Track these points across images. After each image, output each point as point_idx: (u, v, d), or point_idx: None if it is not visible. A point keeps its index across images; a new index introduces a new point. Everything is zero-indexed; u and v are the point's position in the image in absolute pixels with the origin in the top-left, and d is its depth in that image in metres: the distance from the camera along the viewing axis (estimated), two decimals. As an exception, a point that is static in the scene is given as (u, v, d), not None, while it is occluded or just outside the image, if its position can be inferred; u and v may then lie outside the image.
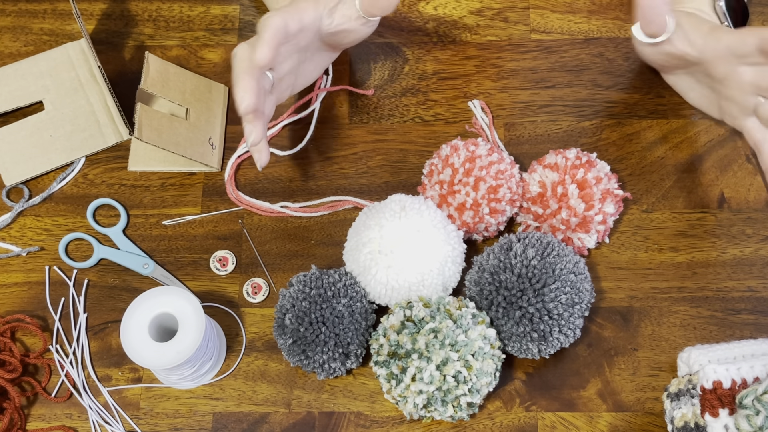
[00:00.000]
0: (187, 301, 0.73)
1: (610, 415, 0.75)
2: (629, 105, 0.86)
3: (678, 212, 0.81)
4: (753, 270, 0.79)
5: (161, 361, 0.71)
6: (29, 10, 0.93)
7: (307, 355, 0.73)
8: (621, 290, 0.79)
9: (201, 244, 0.82)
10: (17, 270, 0.82)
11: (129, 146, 0.86)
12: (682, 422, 0.69)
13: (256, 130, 0.71)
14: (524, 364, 0.77)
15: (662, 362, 0.76)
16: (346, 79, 0.88)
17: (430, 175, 0.79)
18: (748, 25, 0.84)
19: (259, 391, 0.77)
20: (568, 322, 0.71)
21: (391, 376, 0.70)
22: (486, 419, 0.75)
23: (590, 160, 0.78)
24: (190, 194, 0.84)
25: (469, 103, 0.86)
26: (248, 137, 0.71)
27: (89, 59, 0.88)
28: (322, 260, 0.81)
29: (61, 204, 0.84)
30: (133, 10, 0.92)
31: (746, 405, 0.64)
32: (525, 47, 0.89)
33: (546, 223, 0.77)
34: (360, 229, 0.76)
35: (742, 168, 0.83)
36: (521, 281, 0.71)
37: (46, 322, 0.80)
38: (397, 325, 0.71)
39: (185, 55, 0.90)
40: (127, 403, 0.77)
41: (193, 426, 0.76)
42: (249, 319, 0.79)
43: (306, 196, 0.83)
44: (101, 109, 0.87)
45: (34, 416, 0.77)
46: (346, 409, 0.76)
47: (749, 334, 0.77)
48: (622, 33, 0.88)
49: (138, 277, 0.81)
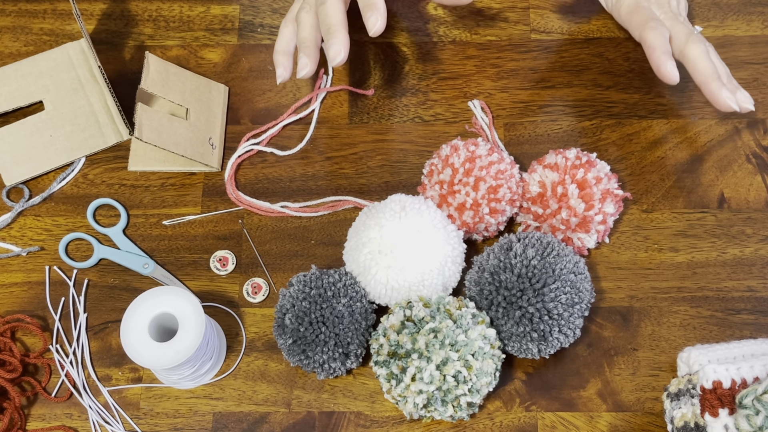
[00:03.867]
0: (187, 301, 0.73)
1: (610, 415, 0.75)
2: (629, 105, 0.86)
3: (678, 212, 0.81)
4: (753, 270, 0.79)
5: (161, 361, 0.71)
6: (29, 10, 0.93)
7: (307, 355, 0.73)
8: (621, 290, 0.79)
9: (201, 244, 0.82)
10: (17, 270, 0.82)
11: (129, 146, 0.86)
12: (682, 422, 0.69)
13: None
14: (524, 364, 0.77)
15: (662, 362, 0.76)
16: (346, 79, 0.88)
17: (430, 175, 0.79)
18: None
19: (259, 391, 0.77)
20: (568, 322, 0.71)
21: (391, 376, 0.70)
22: (486, 419, 0.75)
23: (590, 160, 0.78)
24: (190, 194, 0.84)
25: (469, 103, 0.86)
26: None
27: (89, 59, 0.88)
28: (322, 260, 0.81)
29: (61, 204, 0.84)
30: (133, 10, 0.92)
31: (746, 405, 0.64)
32: (525, 47, 0.89)
33: (546, 223, 0.77)
34: (360, 229, 0.76)
35: (742, 168, 0.83)
36: (521, 281, 0.71)
37: (46, 322, 0.80)
38: (397, 325, 0.71)
39: (185, 55, 0.90)
40: (127, 403, 0.77)
41: (193, 426, 0.76)
42: (249, 319, 0.79)
43: (306, 196, 0.83)
44: (101, 109, 0.87)
45: (34, 416, 0.77)
46: (346, 409, 0.76)
47: (749, 334, 0.77)
48: (622, 33, 0.89)
49: (138, 277, 0.81)
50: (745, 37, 0.88)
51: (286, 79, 0.80)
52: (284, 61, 0.80)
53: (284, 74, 0.80)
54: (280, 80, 0.80)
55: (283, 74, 0.80)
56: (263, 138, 0.86)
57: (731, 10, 0.89)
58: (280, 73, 0.80)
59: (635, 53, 0.88)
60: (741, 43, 0.88)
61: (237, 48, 0.90)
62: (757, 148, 0.83)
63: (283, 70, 0.80)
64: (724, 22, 0.89)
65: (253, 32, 0.91)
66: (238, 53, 0.90)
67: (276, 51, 0.81)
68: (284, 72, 0.80)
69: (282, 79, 0.80)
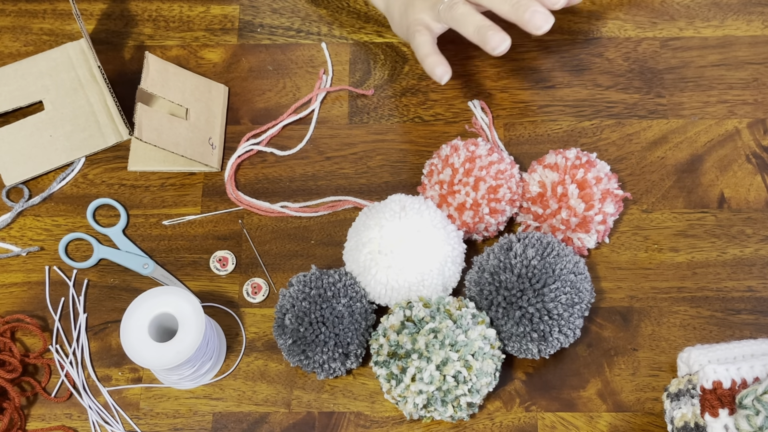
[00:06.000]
0: (187, 301, 0.73)
1: (610, 415, 0.75)
2: (629, 105, 0.86)
3: (678, 212, 0.81)
4: (753, 270, 0.79)
5: (161, 361, 0.71)
6: (29, 10, 0.93)
7: (307, 355, 0.73)
8: (621, 290, 0.79)
9: (201, 244, 0.82)
10: (17, 270, 0.82)
11: (129, 146, 0.86)
12: (682, 422, 0.69)
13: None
14: (524, 364, 0.77)
15: (662, 362, 0.76)
16: (346, 79, 0.88)
17: (430, 175, 0.79)
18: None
19: (259, 391, 0.77)
20: (568, 322, 0.71)
21: (391, 376, 0.70)
22: (486, 419, 0.75)
23: (590, 160, 0.78)
24: (190, 194, 0.84)
25: (469, 103, 0.86)
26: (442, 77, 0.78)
27: (89, 59, 0.88)
28: (322, 260, 0.81)
29: (61, 204, 0.84)
30: (133, 10, 0.92)
31: (746, 405, 0.64)
32: (525, 47, 0.89)
33: (546, 223, 0.77)
34: (360, 229, 0.76)
35: (742, 168, 0.83)
36: (521, 281, 0.71)
37: (46, 322, 0.80)
38: (397, 325, 0.71)
39: (185, 55, 0.90)
40: (127, 403, 0.77)
41: (193, 426, 0.76)
42: (249, 319, 0.79)
43: (306, 196, 0.83)
44: (101, 109, 0.87)
45: (34, 416, 0.77)
46: (346, 409, 0.76)
47: (749, 334, 0.77)
48: (622, 33, 0.88)
49: (138, 277, 0.81)
50: (745, 37, 0.88)
51: (449, 74, 0.77)
52: (439, 60, 0.78)
53: (445, 70, 0.77)
54: (445, 79, 0.77)
55: (443, 71, 0.77)
56: (263, 138, 0.86)
57: (731, 10, 0.89)
58: (440, 72, 0.77)
59: (635, 53, 0.88)
60: (741, 43, 0.88)
61: (237, 48, 0.90)
62: (757, 148, 0.83)
63: (443, 66, 0.77)
64: (724, 22, 0.89)
65: (253, 32, 0.91)
66: (237, 53, 0.90)
67: (425, 55, 0.78)
68: (444, 69, 0.77)
69: (446, 76, 0.77)
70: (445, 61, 0.78)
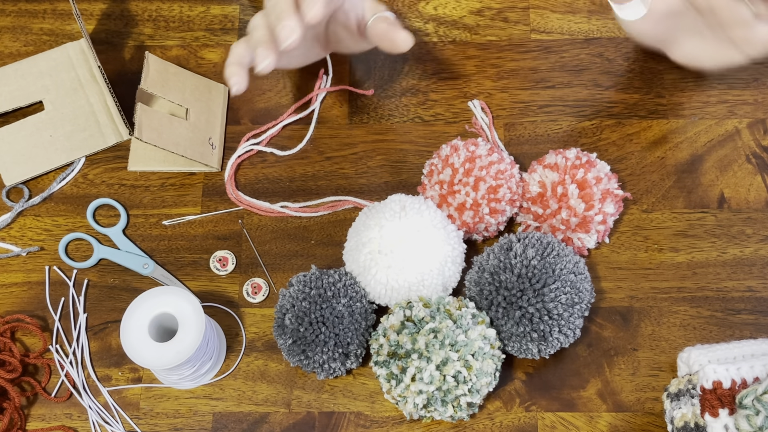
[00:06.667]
0: (187, 301, 0.73)
1: (610, 415, 0.75)
2: (629, 105, 0.86)
3: (678, 212, 0.81)
4: (753, 270, 0.79)
5: (161, 361, 0.71)
6: (29, 10, 0.93)
7: (307, 355, 0.73)
8: (621, 290, 0.79)
9: (201, 244, 0.82)
10: (17, 270, 0.82)
11: (129, 146, 0.86)
12: (682, 422, 0.69)
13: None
14: (524, 364, 0.77)
15: (662, 362, 0.76)
16: (346, 79, 0.88)
17: (430, 175, 0.79)
18: None
19: (259, 391, 0.77)
20: (568, 322, 0.71)
21: (391, 376, 0.70)
22: (486, 419, 0.75)
23: (590, 160, 0.78)
24: (190, 194, 0.84)
25: (469, 103, 0.86)
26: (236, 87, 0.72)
27: (89, 59, 0.88)
28: (322, 260, 0.81)
29: (61, 204, 0.84)
30: (133, 10, 0.92)
31: (746, 405, 0.64)
32: (525, 47, 0.89)
33: (546, 223, 0.77)
34: (360, 229, 0.76)
35: (742, 168, 0.83)
36: (521, 281, 0.71)
37: (46, 322, 0.80)
38: (397, 325, 0.71)
39: (185, 55, 0.90)
40: (127, 403, 0.77)
41: (193, 426, 0.76)
42: (249, 319, 0.79)
43: (306, 196, 0.83)
44: (101, 109, 0.87)
45: (34, 416, 0.77)
46: (346, 409, 0.76)
47: (749, 334, 0.77)
48: (622, 33, 0.88)
49: (138, 277, 0.81)
50: (745, 37, 0.88)
51: (242, 89, 0.72)
52: (238, 71, 0.72)
53: (240, 84, 0.72)
54: (235, 91, 0.72)
55: (238, 84, 0.71)
56: (263, 138, 0.86)
57: (731, 10, 0.89)
58: (234, 82, 0.71)
59: (635, 53, 0.88)
60: (741, 43, 0.88)
61: (237, 48, 0.90)
62: (757, 148, 0.83)
63: (238, 78, 0.71)
64: (724, 22, 0.88)
65: (253, 32, 0.90)
66: (238, 53, 0.90)
67: (228, 63, 0.72)
68: (240, 81, 0.72)
69: (238, 89, 0.72)
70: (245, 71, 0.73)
